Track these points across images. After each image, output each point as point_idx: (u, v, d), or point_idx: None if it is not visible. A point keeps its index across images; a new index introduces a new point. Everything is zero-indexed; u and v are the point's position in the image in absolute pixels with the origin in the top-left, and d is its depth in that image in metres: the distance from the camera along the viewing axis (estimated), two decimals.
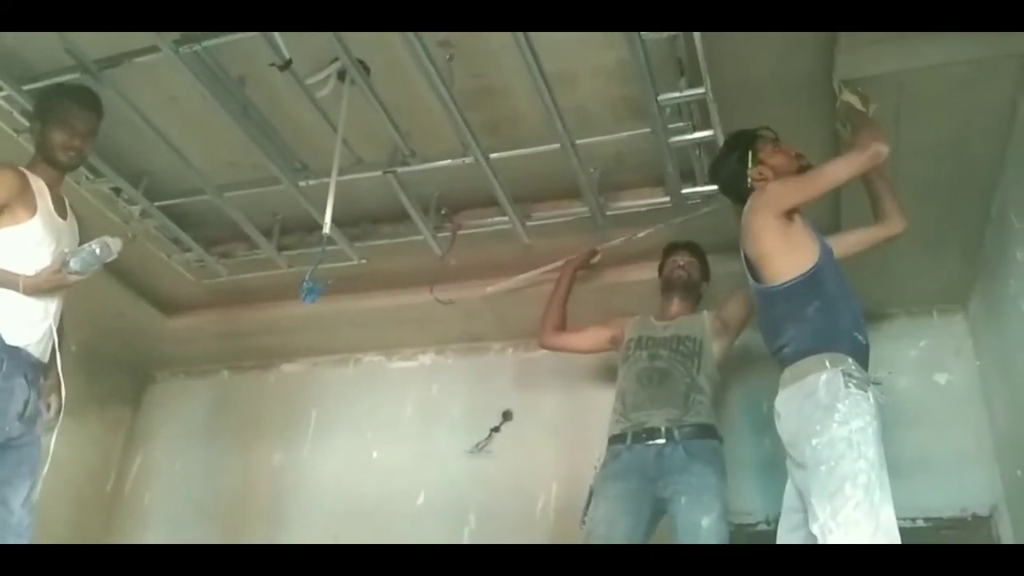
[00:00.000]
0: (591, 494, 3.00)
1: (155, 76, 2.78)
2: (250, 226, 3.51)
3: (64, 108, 2.61)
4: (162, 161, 3.21)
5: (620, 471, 2.96)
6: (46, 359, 2.66)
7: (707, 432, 2.97)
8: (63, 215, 2.66)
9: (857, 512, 2.12)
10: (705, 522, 2.77)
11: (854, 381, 2.27)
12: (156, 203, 3.42)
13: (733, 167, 2.63)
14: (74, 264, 2.53)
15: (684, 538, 2.79)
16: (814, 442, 2.24)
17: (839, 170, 2.45)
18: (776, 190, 2.50)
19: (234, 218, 3.44)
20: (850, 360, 2.31)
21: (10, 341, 2.48)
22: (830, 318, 2.38)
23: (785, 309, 2.45)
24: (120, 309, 4.13)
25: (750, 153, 2.59)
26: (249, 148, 3.01)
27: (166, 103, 2.96)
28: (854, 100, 2.50)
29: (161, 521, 4.44)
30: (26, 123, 2.95)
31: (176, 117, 3.02)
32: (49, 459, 2.62)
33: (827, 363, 2.31)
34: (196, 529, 4.31)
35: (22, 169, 2.58)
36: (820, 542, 2.16)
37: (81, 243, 2.62)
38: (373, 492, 4.10)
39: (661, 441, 2.93)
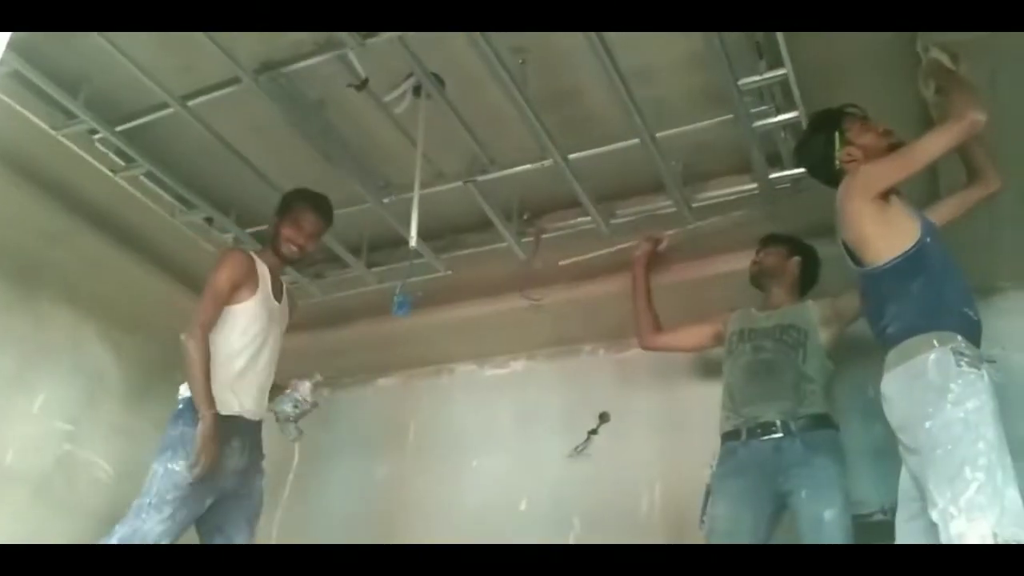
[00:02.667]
0: (707, 493, 2.95)
1: (239, 106, 2.87)
2: (339, 246, 3.58)
3: (299, 209, 2.96)
4: (251, 189, 3.30)
5: (738, 468, 2.90)
6: (260, 416, 2.98)
7: (823, 422, 2.89)
8: (278, 299, 2.98)
9: (980, 496, 2.01)
10: (828, 515, 2.70)
11: (966, 359, 2.15)
12: (247, 230, 3.52)
13: (820, 150, 2.55)
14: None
15: (807, 532, 2.72)
16: (927, 425, 2.14)
17: (935, 144, 2.33)
18: (869, 172, 2.40)
19: (323, 239, 3.50)
20: (960, 338, 2.20)
21: (224, 411, 2.71)
22: (936, 295, 2.27)
23: (888, 289, 2.35)
24: None
25: (837, 134, 2.51)
26: (332, 169, 3.07)
27: (251, 132, 3.05)
28: (944, 58, 2.37)
29: (265, 540, 4.54)
30: (122, 163, 3.09)
31: (261, 145, 3.11)
32: None
33: (935, 342, 2.20)
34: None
35: (252, 254, 2.95)
36: (941, 529, 2.06)
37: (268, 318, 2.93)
38: (475, 501, 4.12)
39: (778, 435, 2.86)
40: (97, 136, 2.98)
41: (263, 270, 2.92)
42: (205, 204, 3.34)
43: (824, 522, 2.68)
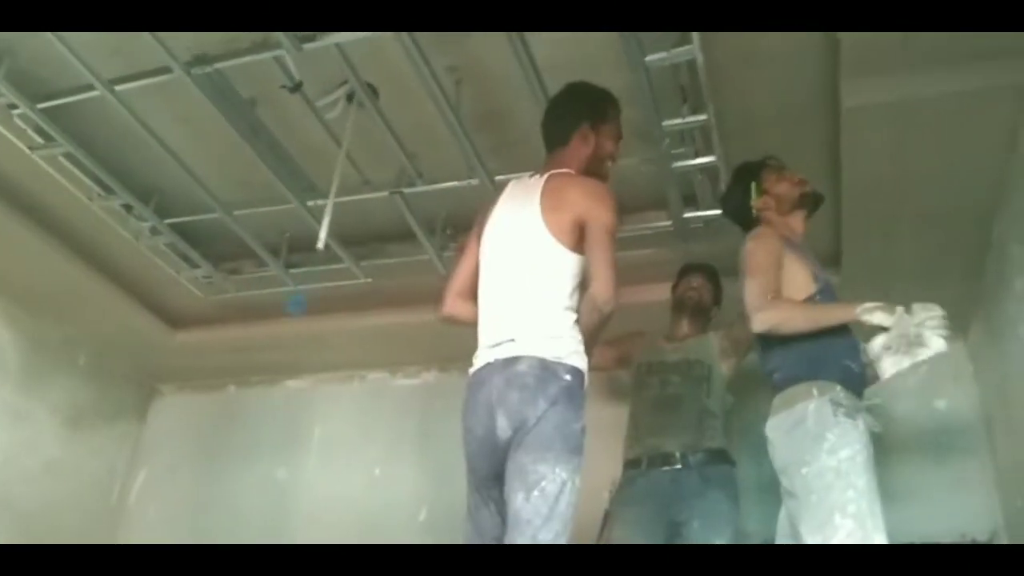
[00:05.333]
0: (606, 517, 3.03)
1: (167, 96, 2.84)
2: (258, 244, 3.56)
3: (617, 116, 2.45)
4: (173, 179, 3.26)
5: (636, 496, 2.99)
6: None
7: (720, 457, 3.01)
8: None
9: (849, 541, 2.12)
10: None
11: (843, 409, 2.27)
12: (166, 220, 3.47)
13: (739, 198, 2.65)
14: None
15: None
16: (804, 471, 2.25)
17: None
18: (747, 254, 2.46)
19: (242, 236, 3.49)
20: (839, 388, 2.32)
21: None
22: (820, 346, 2.39)
23: (777, 337, 2.47)
24: (128, 323, 4.18)
25: (753, 184, 2.61)
26: (259, 168, 3.06)
27: (178, 123, 3.02)
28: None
29: (166, 534, 4.46)
30: (41, 141, 3.01)
31: (188, 136, 3.08)
32: None
33: (815, 391, 2.31)
34: (200, 543, 4.34)
35: None
36: None
37: None
38: (375, 507, 4.13)
39: (677, 466, 2.97)
40: (16, 111, 2.90)
41: None
42: (125, 191, 3.28)
43: None
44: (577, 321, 2.14)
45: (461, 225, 3.45)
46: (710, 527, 2.86)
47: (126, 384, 4.72)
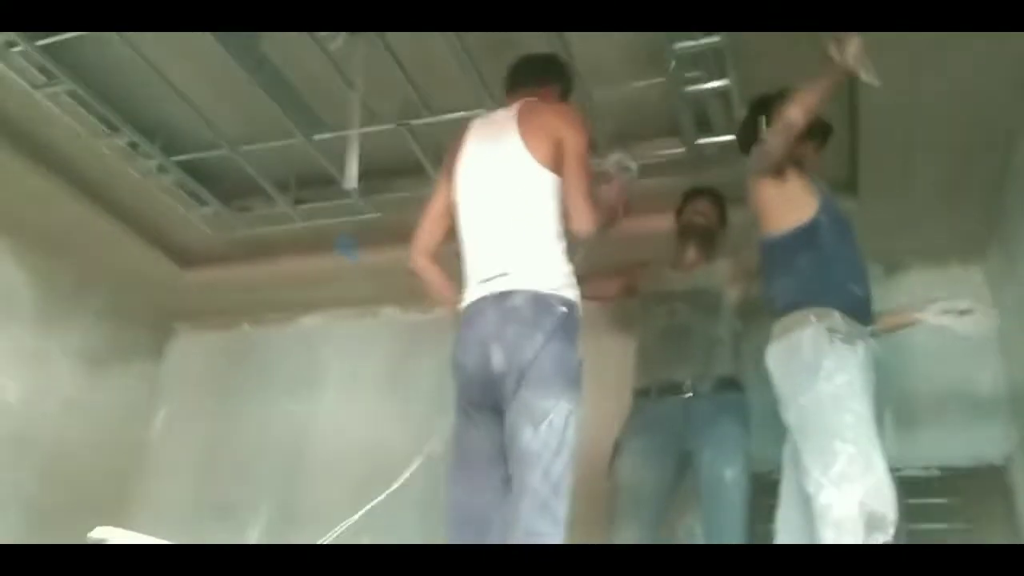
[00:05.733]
0: (616, 447, 3.04)
1: (171, 32, 2.77)
2: (266, 180, 3.53)
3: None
4: (178, 116, 3.23)
5: (646, 424, 2.99)
6: None
7: (731, 384, 3.01)
8: None
9: (850, 467, 2.13)
10: (728, 474, 2.83)
11: (839, 336, 2.27)
12: (173, 158, 3.44)
13: (750, 130, 2.63)
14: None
15: (706, 489, 2.86)
16: (801, 400, 2.26)
17: (771, 145, 2.40)
18: (751, 157, 2.51)
19: (250, 172, 3.46)
20: (837, 314, 2.30)
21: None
22: (822, 271, 2.37)
23: (779, 261, 2.46)
24: (140, 262, 4.18)
25: (764, 116, 2.58)
26: (265, 103, 3.02)
27: (182, 58, 2.97)
28: (828, 43, 2.23)
29: (185, 470, 4.54)
30: (43, 79, 2.97)
31: (192, 73, 3.03)
32: None
33: (812, 318, 2.31)
34: (217, 480, 4.42)
35: None
36: (813, 498, 2.18)
37: None
38: (389, 443, 4.16)
39: (687, 395, 2.96)
40: (16, 49, 2.86)
41: None
42: (130, 129, 3.25)
43: (724, 481, 2.82)
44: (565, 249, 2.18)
45: None
46: (721, 455, 2.87)
47: (141, 323, 4.74)
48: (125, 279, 4.32)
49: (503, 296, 2.10)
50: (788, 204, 2.44)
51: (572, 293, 2.15)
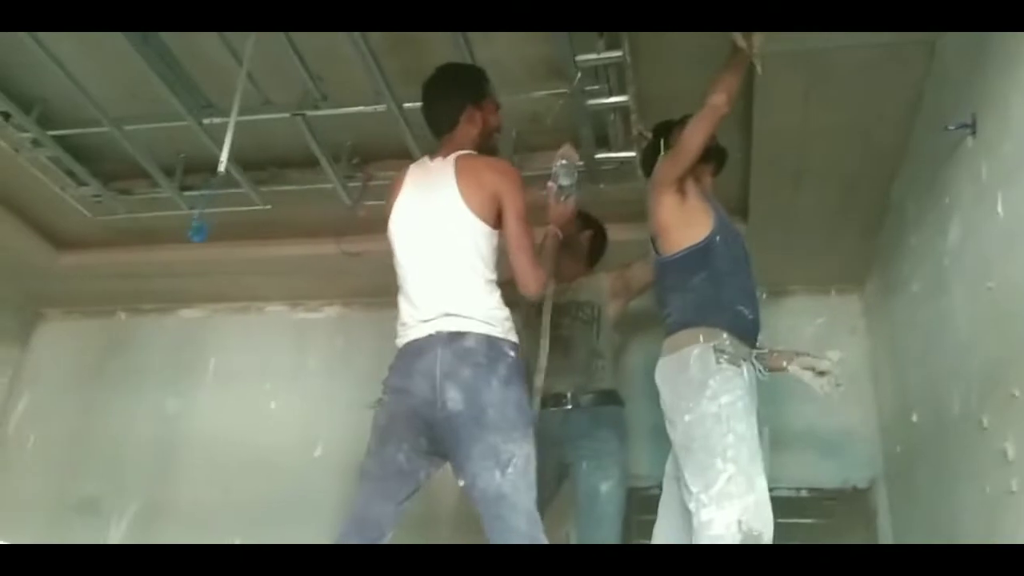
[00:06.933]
0: None
1: None
2: (150, 162, 3.36)
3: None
4: (58, 89, 3.02)
5: None
6: None
7: (610, 398, 3.03)
8: None
9: (731, 486, 2.16)
10: (604, 487, 2.86)
11: (726, 356, 2.31)
12: (50, 132, 3.24)
13: (650, 154, 2.69)
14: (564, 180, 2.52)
15: (583, 501, 2.88)
16: (687, 418, 2.29)
17: (694, 133, 2.43)
18: (658, 168, 2.54)
19: (133, 153, 3.29)
20: (725, 335, 2.35)
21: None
22: (713, 291, 2.42)
23: (673, 280, 2.49)
24: (8, 242, 3.92)
25: (662, 141, 2.64)
26: (152, 81, 2.87)
27: None
28: (737, 37, 2.34)
29: (46, 464, 4.29)
30: None
31: (74, 43, 2.85)
32: None
33: (701, 337, 2.35)
34: (81, 475, 4.20)
35: None
36: (694, 514, 2.21)
37: None
38: (268, 443, 4.05)
39: (567, 407, 2.97)
40: None
41: None
42: (3, 97, 3.04)
43: (600, 493, 2.85)
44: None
45: (368, 154, 3.34)
46: (598, 468, 2.89)
47: (6, 307, 4.47)
48: None
49: (455, 336, 2.17)
50: (686, 222, 2.47)
51: (515, 336, 2.26)
